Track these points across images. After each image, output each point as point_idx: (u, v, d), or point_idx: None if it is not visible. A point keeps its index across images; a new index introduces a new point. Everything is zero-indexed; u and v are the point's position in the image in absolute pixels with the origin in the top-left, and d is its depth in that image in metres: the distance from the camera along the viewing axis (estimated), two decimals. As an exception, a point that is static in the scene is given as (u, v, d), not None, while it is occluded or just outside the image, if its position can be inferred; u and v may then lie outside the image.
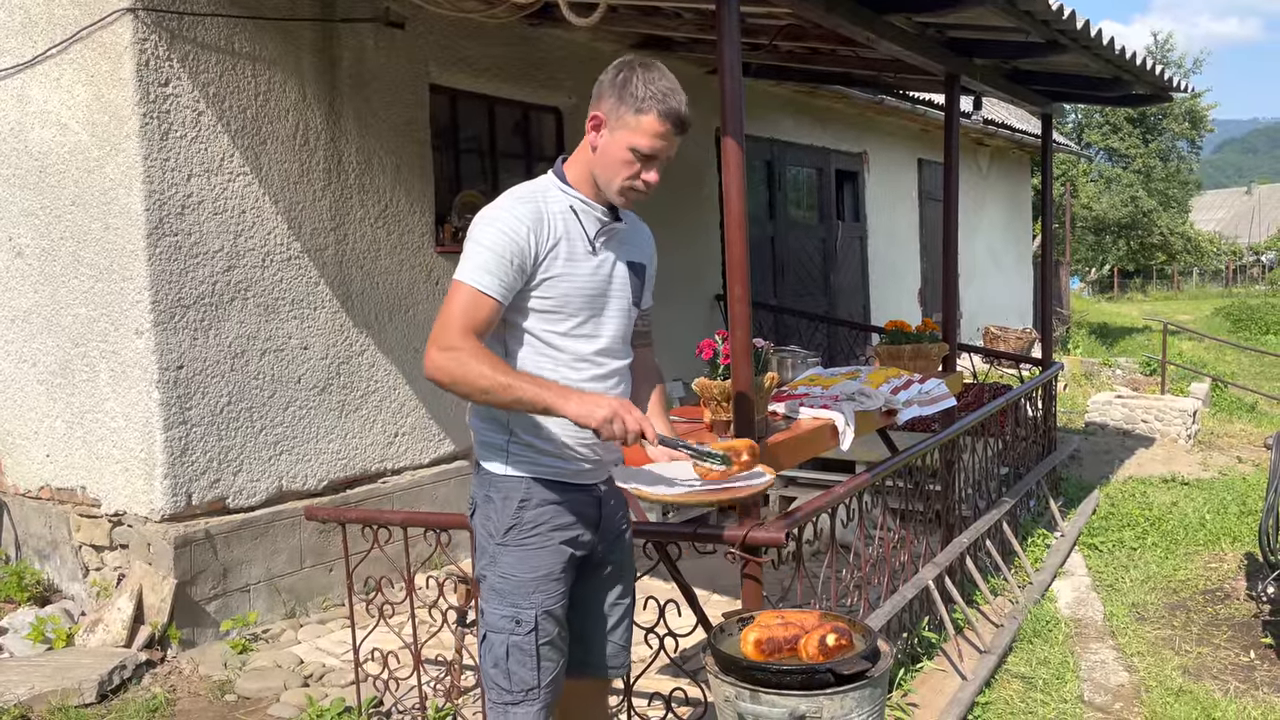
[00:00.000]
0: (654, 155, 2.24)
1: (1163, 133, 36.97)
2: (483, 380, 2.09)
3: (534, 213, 2.22)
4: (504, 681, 2.31)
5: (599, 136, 2.26)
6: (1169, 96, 6.73)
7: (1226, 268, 41.08)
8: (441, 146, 6.01)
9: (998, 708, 3.85)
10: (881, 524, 4.07)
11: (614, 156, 2.24)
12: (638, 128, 2.21)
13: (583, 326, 2.30)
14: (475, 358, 2.10)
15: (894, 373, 4.64)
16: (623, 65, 2.26)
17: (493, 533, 2.32)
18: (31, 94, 4.82)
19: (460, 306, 2.15)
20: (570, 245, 2.26)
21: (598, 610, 2.48)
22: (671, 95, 2.22)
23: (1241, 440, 9.08)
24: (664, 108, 2.21)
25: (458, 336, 2.12)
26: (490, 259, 2.16)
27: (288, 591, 4.93)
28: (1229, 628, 4.66)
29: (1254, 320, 22.00)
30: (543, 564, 2.30)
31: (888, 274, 11.03)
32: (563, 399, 2.11)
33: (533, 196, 2.26)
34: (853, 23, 4.23)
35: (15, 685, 3.99)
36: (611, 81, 2.24)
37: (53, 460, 5.00)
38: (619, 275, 2.37)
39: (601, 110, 2.25)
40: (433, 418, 5.73)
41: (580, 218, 2.30)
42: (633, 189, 2.28)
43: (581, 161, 2.31)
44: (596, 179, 2.29)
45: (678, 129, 2.24)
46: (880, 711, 2.28)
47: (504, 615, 2.30)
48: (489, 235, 2.18)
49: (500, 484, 2.31)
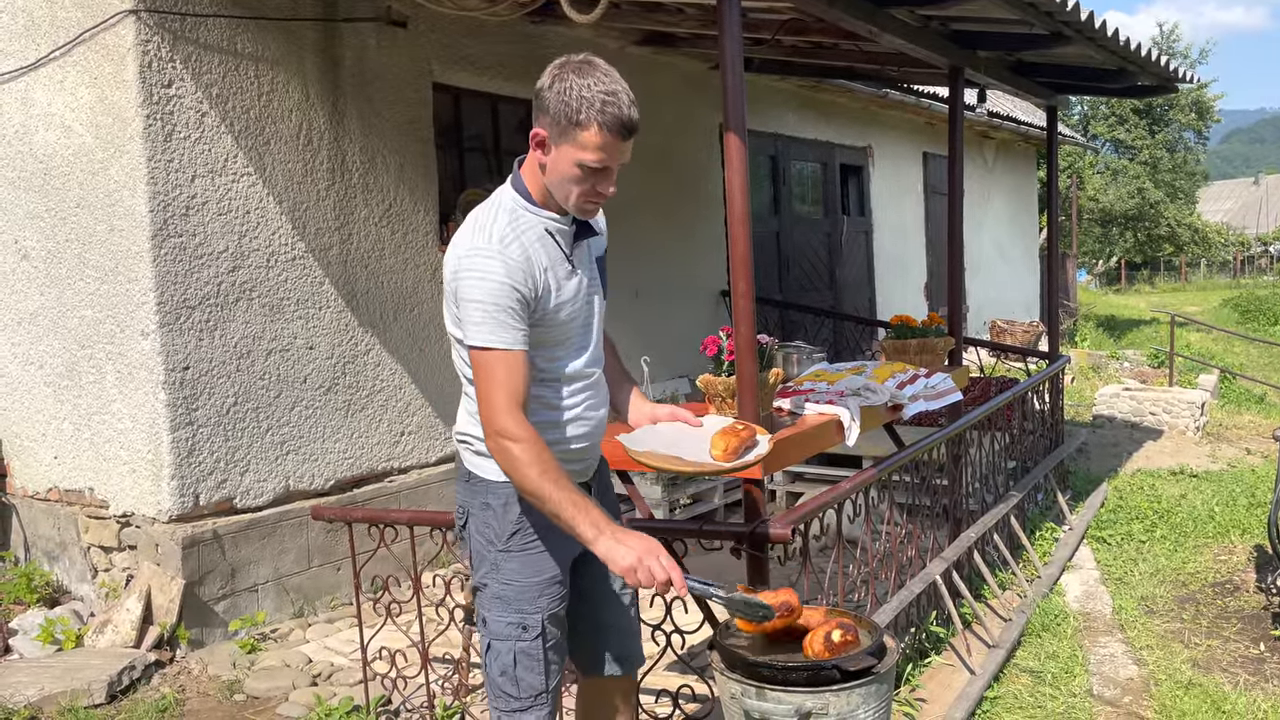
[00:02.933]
0: (604, 167, 2.11)
1: (1169, 123, 36.81)
2: (528, 484, 2.07)
3: (521, 254, 2.13)
4: (512, 689, 2.28)
5: (544, 154, 2.13)
6: (1175, 87, 6.70)
7: (1234, 259, 40.91)
8: (445, 145, 6.01)
9: (1006, 702, 3.85)
10: (888, 519, 4.06)
11: (563, 174, 2.12)
12: (580, 142, 2.07)
13: (575, 347, 2.29)
14: (526, 455, 2.05)
15: (900, 367, 4.63)
16: (557, 71, 2.10)
17: (493, 540, 2.28)
18: (35, 97, 4.83)
19: (498, 379, 2.08)
20: (556, 274, 2.20)
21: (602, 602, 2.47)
22: (611, 101, 2.05)
23: (1250, 432, 9.04)
24: (604, 117, 2.05)
25: (505, 419, 2.06)
26: (499, 314, 2.09)
27: (295, 591, 4.94)
28: (1238, 620, 4.65)
29: (1262, 311, 21.92)
30: (547, 567, 2.29)
31: (893, 268, 11.01)
32: (594, 533, 2.04)
33: (514, 235, 2.14)
34: (855, 16, 4.22)
35: (25, 686, 4.01)
36: (548, 90, 2.09)
37: (61, 462, 5.02)
38: (593, 277, 2.34)
39: (543, 126, 2.11)
40: (439, 416, 5.73)
41: (556, 239, 2.21)
42: (590, 202, 2.17)
43: (534, 177, 2.20)
44: (553, 194, 2.18)
45: (623, 135, 2.09)
46: (887, 707, 2.27)
47: (510, 622, 2.27)
48: (489, 291, 2.08)
49: (498, 490, 2.27)
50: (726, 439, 2.43)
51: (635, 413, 2.53)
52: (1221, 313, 22.53)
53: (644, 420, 2.50)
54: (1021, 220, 14.72)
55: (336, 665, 4.35)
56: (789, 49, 6.41)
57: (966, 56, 5.42)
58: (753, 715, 2.21)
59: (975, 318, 12.47)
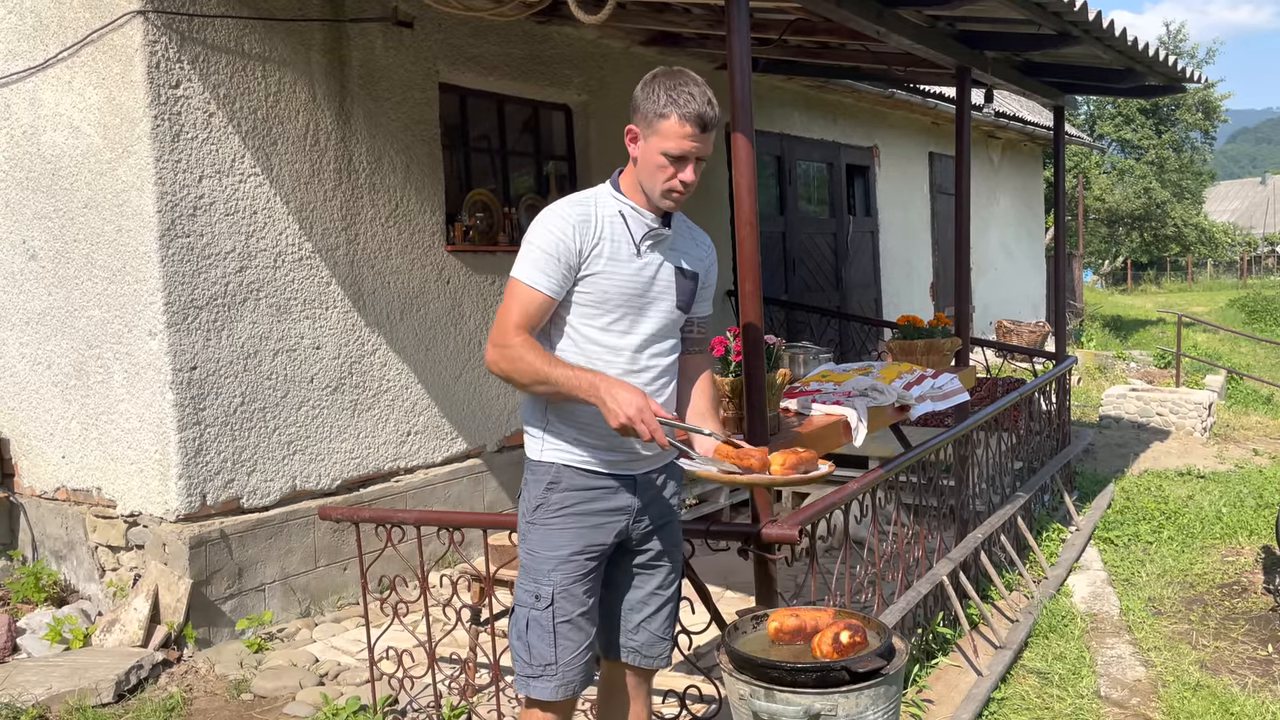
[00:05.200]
0: (684, 156, 2.38)
1: (1176, 123, 36.71)
2: (530, 372, 2.31)
3: (582, 214, 2.40)
4: (525, 654, 2.47)
5: (636, 148, 2.43)
6: (1182, 87, 6.68)
7: (1241, 259, 40.79)
8: (451, 145, 6.01)
9: (1014, 703, 3.84)
10: (895, 520, 4.05)
11: (650, 163, 2.40)
12: (663, 132, 2.36)
13: (619, 323, 2.44)
14: (526, 350, 2.31)
15: (906, 368, 4.62)
16: (649, 78, 2.42)
17: (524, 512, 2.50)
18: (44, 97, 4.84)
19: (514, 303, 2.35)
20: (614, 246, 2.41)
21: (633, 596, 2.60)
22: (691, 98, 2.36)
23: (1258, 432, 9.02)
24: (683, 110, 2.35)
25: (511, 332, 2.33)
26: (541, 257, 2.35)
27: (302, 591, 4.95)
28: (1246, 621, 4.63)
29: (1269, 311, 21.86)
30: (564, 544, 2.44)
31: (900, 268, 10.99)
32: (592, 390, 2.27)
33: (585, 200, 2.45)
34: (863, 17, 4.21)
35: (33, 685, 4.02)
36: (639, 93, 2.41)
37: (68, 462, 5.03)
38: (664, 278, 2.49)
39: (635, 122, 2.42)
40: (445, 416, 5.73)
41: (628, 222, 2.45)
42: (673, 190, 2.41)
43: (630, 173, 2.48)
44: (643, 187, 2.44)
45: (700, 127, 2.36)
46: (895, 708, 2.27)
47: (526, 590, 2.47)
48: (540, 235, 2.37)
49: (535, 468, 2.49)
50: (786, 456, 2.43)
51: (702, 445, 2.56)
52: (1228, 313, 22.47)
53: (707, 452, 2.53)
54: (1028, 220, 14.69)
55: (343, 665, 4.36)
56: (795, 49, 6.40)
57: (973, 57, 5.41)
58: (761, 716, 2.21)
59: (981, 318, 12.45)
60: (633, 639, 2.62)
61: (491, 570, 3.59)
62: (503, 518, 4.34)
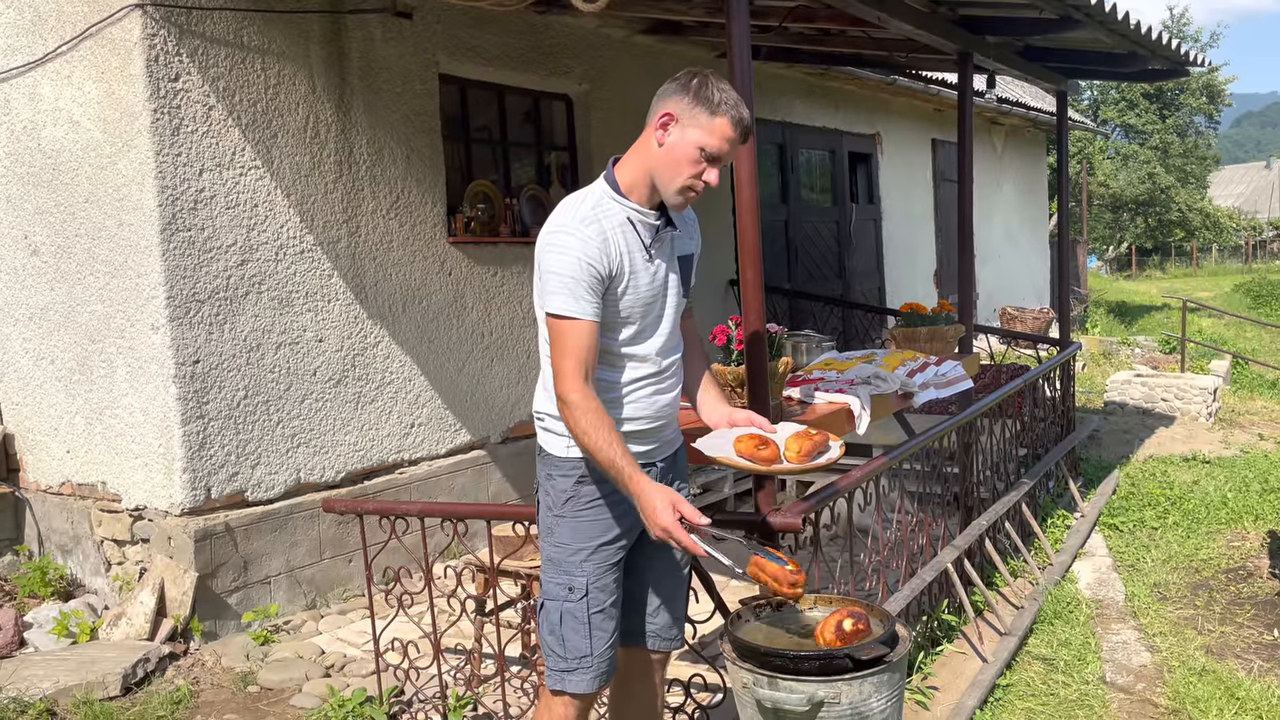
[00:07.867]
0: (718, 157, 2.34)
1: (1180, 108, 36.56)
2: (587, 442, 2.28)
3: (598, 234, 2.31)
4: (559, 649, 2.47)
5: (667, 134, 2.33)
6: (1186, 71, 6.65)
7: (1246, 243, 40.62)
8: (452, 136, 6.00)
9: (1019, 689, 3.84)
10: (899, 507, 4.05)
11: (682, 154, 2.32)
12: (710, 128, 2.30)
13: (641, 332, 2.44)
14: (583, 416, 2.26)
15: (910, 355, 4.61)
16: (695, 72, 2.36)
17: (551, 506, 2.50)
18: (43, 92, 4.83)
19: (569, 346, 2.28)
20: (632, 259, 2.37)
21: (651, 579, 2.63)
22: (741, 105, 2.34)
23: (1263, 417, 9.00)
24: (736, 114, 2.32)
25: (573, 386, 2.27)
26: (574, 286, 2.27)
27: (308, 583, 4.96)
28: (1252, 606, 4.63)
29: (1275, 296, 21.79)
30: (596, 535, 2.46)
31: (902, 256, 10.97)
32: (638, 495, 2.25)
33: (595, 216, 2.34)
34: (864, 2, 4.20)
35: (40, 679, 4.03)
36: (685, 84, 2.33)
37: (73, 456, 5.04)
38: (670, 274, 2.49)
39: (674, 109, 2.32)
40: (449, 408, 5.74)
41: (637, 228, 2.39)
42: (691, 189, 2.37)
43: (637, 163, 2.38)
44: (656, 178, 2.36)
45: (742, 138, 2.36)
46: (899, 696, 2.27)
47: (558, 583, 2.47)
48: (567, 264, 2.27)
49: (561, 464, 2.48)
50: (800, 442, 2.49)
51: (714, 413, 2.66)
52: (1233, 298, 22.41)
53: (721, 422, 2.62)
54: (1031, 206, 14.64)
55: (349, 656, 4.37)
56: (796, 36, 6.38)
57: (975, 42, 5.39)
58: (765, 704, 2.21)
59: (985, 305, 12.42)
60: (653, 622, 2.65)
61: (496, 561, 3.59)
62: (507, 509, 4.34)
